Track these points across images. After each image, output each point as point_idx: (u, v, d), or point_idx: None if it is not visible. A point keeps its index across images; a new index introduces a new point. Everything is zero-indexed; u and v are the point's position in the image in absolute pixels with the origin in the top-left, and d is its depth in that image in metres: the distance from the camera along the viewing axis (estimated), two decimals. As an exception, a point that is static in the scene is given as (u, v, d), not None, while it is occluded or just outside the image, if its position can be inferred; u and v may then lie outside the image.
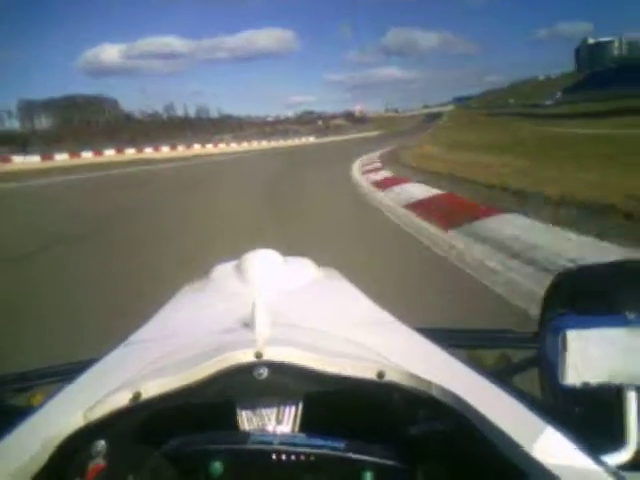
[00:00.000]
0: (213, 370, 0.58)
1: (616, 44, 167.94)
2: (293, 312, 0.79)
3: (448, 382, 0.56)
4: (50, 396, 0.63)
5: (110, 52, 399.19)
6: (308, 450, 0.55)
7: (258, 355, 0.58)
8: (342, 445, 0.55)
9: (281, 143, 66.90)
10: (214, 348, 0.62)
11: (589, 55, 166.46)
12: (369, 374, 0.58)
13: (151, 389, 0.57)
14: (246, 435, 0.57)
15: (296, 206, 9.32)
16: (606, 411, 0.61)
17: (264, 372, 0.58)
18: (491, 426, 0.50)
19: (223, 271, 1.13)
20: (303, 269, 1.16)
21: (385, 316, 0.85)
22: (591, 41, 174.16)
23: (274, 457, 0.55)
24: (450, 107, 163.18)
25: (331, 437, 0.57)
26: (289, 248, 1.29)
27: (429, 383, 0.57)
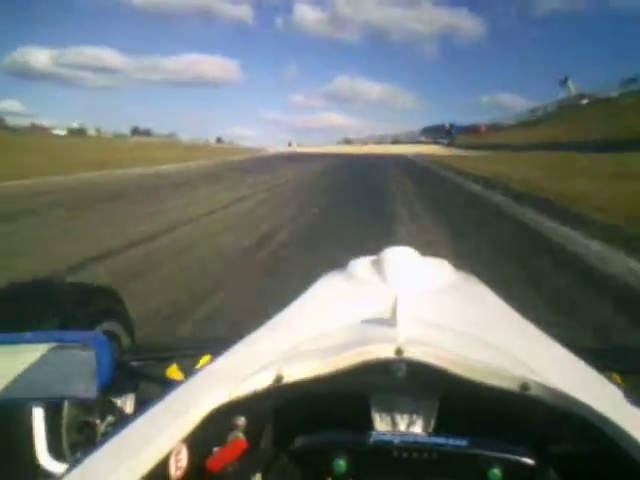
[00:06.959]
0: (353, 361, 0.57)
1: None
2: (434, 312, 0.76)
3: (595, 401, 0.52)
4: (197, 370, 0.63)
5: (37, 56, 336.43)
6: (430, 448, 0.54)
7: (398, 351, 0.57)
8: (465, 443, 0.54)
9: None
10: (355, 340, 0.61)
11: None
12: (513, 385, 0.56)
13: (293, 373, 0.58)
14: (369, 434, 0.56)
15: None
16: None
17: (403, 369, 0.57)
18: None
19: (361, 265, 1.12)
20: (441, 270, 1.12)
21: (530, 327, 0.80)
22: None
23: (395, 455, 0.54)
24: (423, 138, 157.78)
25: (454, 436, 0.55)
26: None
27: (576, 401, 0.53)
